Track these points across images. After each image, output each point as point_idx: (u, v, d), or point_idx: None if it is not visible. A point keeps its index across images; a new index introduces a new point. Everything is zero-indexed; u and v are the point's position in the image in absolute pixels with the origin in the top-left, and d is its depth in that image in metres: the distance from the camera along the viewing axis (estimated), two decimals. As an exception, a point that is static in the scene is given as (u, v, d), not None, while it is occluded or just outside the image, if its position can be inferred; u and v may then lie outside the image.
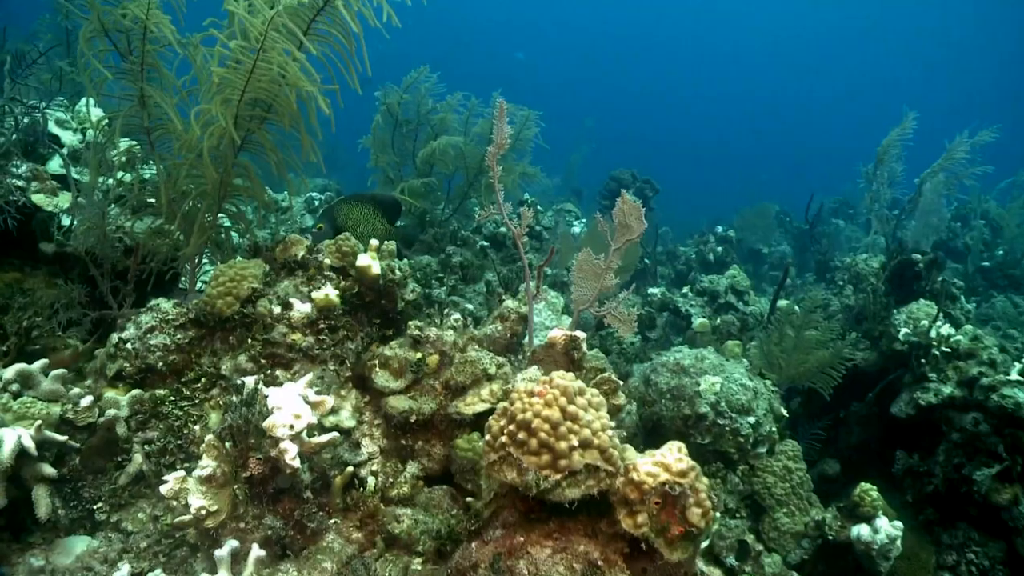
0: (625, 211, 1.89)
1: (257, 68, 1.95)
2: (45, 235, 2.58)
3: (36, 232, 2.57)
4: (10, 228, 2.23)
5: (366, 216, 2.65)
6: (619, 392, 1.83)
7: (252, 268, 2.23)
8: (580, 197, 10.09)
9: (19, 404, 1.99)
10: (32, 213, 2.52)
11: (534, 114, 5.18)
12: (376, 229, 2.67)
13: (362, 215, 2.65)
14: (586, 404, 1.42)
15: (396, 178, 5.00)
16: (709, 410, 3.05)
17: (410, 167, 5.00)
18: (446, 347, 2.14)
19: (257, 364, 2.18)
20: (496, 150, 1.90)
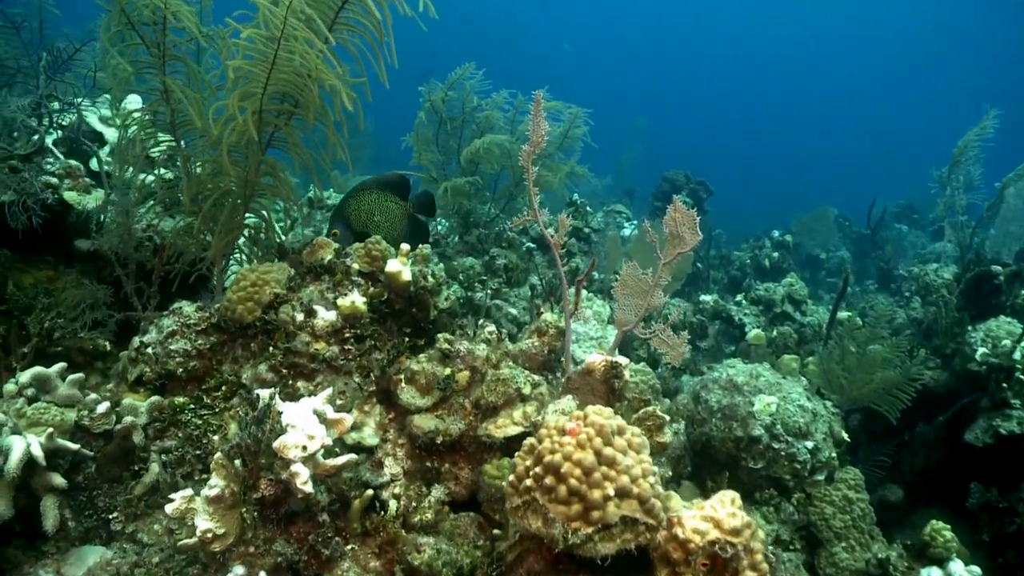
0: (677, 220, 1.67)
1: (279, 59, 1.80)
2: (83, 232, 2.50)
3: (70, 230, 2.49)
4: (35, 226, 2.14)
5: (378, 203, 2.47)
6: (665, 429, 1.61)
7: (275, 272, 2.08)
8: (632, 198, 9.81)
9: (33, 410, 1.89)
10: (67, 210, 2.44)
11: (583, 111, 4.96)
12: (392, 212, 2.49)
13: (373, 203, 2.47)
14: (625, 446, 1.22)
15: (440, 176, 4.84)
16: (763, 433, 2.80)
17: (454, 165, 4.83)
18: (477, 363, 1.96)
19: (278, 374, 2.04)
20: (532, 149, 1.71)
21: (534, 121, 1.70)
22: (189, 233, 2.25)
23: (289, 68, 1.84)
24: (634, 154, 11.61)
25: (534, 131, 1.71)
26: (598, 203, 7.65)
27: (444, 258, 4.57)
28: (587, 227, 5.38)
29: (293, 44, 1.75)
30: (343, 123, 2.10)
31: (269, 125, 2.06)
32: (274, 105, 2.03)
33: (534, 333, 2.04)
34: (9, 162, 2.30)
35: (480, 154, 4.63)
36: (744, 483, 2.89)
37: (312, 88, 1.89)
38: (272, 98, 2.01)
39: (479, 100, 4.75)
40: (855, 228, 8.77)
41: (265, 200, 2.27)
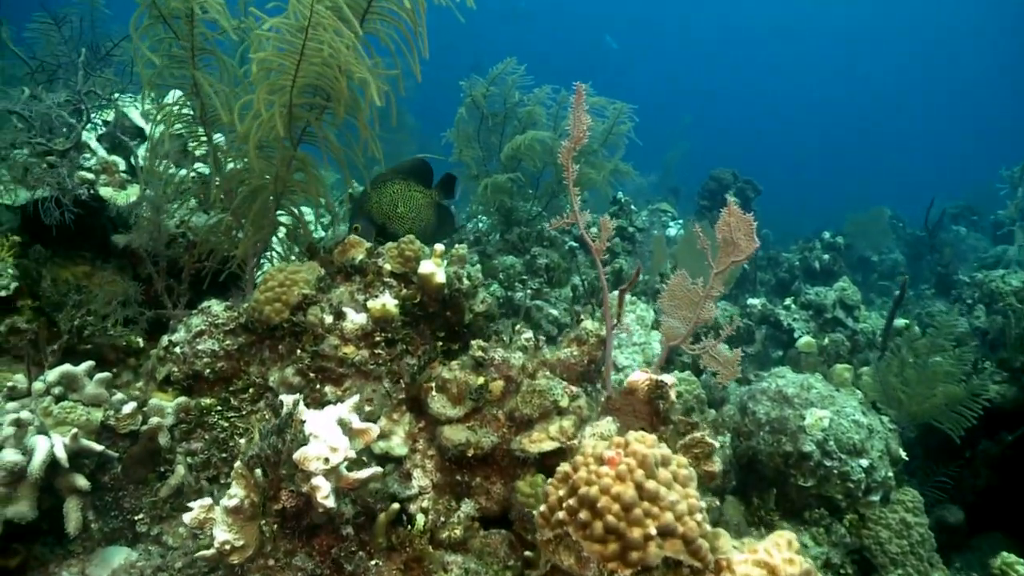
0: (732, 225, 1.51)
1: (308, 50, 1.70)
2: (120, 228, 2.47)
3: (107, 225, 2.46)
4: (68, 222, 2.10)
5: (400, 193, 2.32)
6: (714, 457, 1.46)
7: (304, 272, 2.00)
8: (677, 196, 9.56)
9: (60, 409, 1.84)
10: (103, 206, 2.40)
11: (627, 107, 4.79)
12: (417, 201, 2.34)
13: (396, 194, 2.32)
14: (670, 479, 1.08)
15: (481, 173, 4.73)
16: (815, 449, 2.62)
17: (495, 162, 4.72)
18: (512, 372, 1.84)
19: (305, 378, 1.95)
20: (572, 145, 1.57)
21: (575, 115, 1.56)
22: (221, 230, 2.18)
23: (319, 59, 1.74)
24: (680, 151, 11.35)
25: (575, 126, 1.57)
26: (643, 201, 7.46)
27: (484, 256, 4.46)
28: (631, 226, 5.21)
29: (322, 34, 1.65)
30: (375, 118, 1.99)
31: (300, 120, 1.97)
32: (305, 99, 1.93)
33: (573, 341, 1.91)
34: (47, 158, 2.27)
35: (522, 150, 4.50)
36: (792, 501, 2.71)
37: (341, 80, 1.78)
38: (304, 92, 1.92)
39: (521, 95, 4.62)
40: (909, 230, 8.39)
41: (298, 197, 2.18)
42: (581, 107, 1.56)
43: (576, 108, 1.56)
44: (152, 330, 2.32)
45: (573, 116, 1.57)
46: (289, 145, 1.99)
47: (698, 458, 1.41)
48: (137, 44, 1.83)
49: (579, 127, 1.57)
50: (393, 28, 1.95)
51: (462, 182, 4.97)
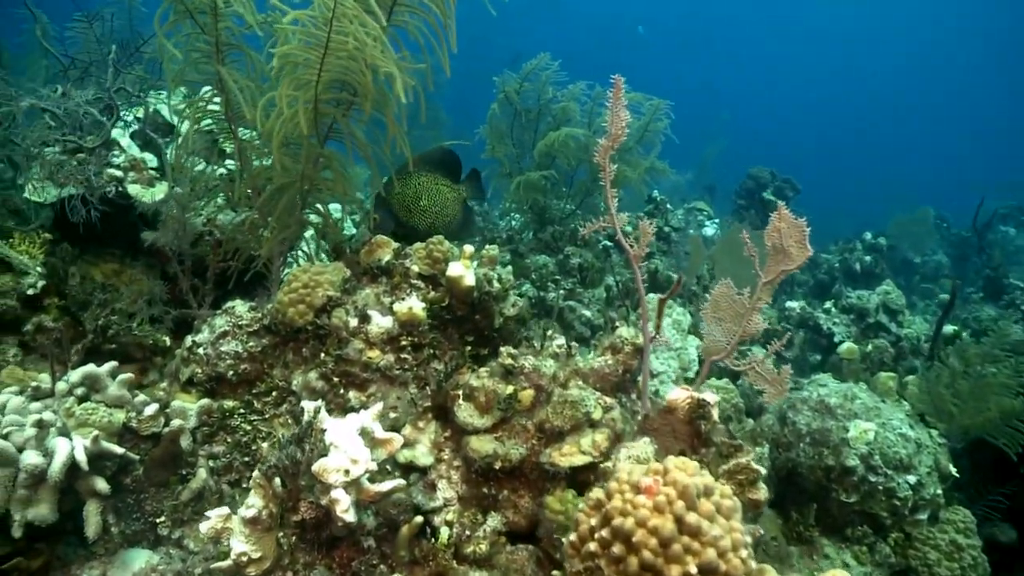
0: (783, 232, 1.39)
1: (332, 43, 1.62)
2: (149, 225, 2.43)
3: (137, 222, 2.42)
4: (93, 220, 2.06)
5: (425, 185, 2.18)
6: (760, 484, 1.35)
7: (329, 274, 1.93)
8: (713, 194, 9.34)
9: (82, 410, 1.80)
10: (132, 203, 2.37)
11: (664, 104, 4.64)
12: (443, 195, 2.20)
13: (421, 186, 2.18)
14: (713, 511, 0.98)
15: (514, 170, 4.64)
16: (858, 463, 2.48)
17: (529, 159, 4.62)
18: (543, 381, 1.75)
19: (328, 382, 1.88)
20: (610, 143, 1.47)
21: (613, 111, 1.46)
22: (246, 229, 2.12)
23: (344, 53, 1.66)
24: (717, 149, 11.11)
25: (613, 123, 1.47)
26: (678, 200, 7.28)
27: (517, 255, 4.37)
28: (667, 226, 5.07)
29: (347, 26, 1.57)
30: (403, 115, 1.91)
31: (327, 116, 1.90)
32: (331, 94, 1.86)
33: (607, 350, 1.80)
34: (77, 155, 2.24)
35: (555, 147, 4.40)
36: (834, 517, 2.57)
37: (367, 75, 1.70)
38: (330, 87, 1.85)
39: (555, 91, 4.52)
40: (953, 230, 8.07)
41: (325, 195, 2.11)
42: (620, 102, 1.45)
43: (614, 103, 1.45)
44: (179, 329, 2.28)
45: (611, 112, 1.46)
46: (315, 142, 1.91)
47: (742, 485, 1.30)
48: (161, 40, 1.77)
49: (617, 124, 1.46)
50: (422, 21, 1.87)
51: (495, 179, 4.89)
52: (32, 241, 2.25)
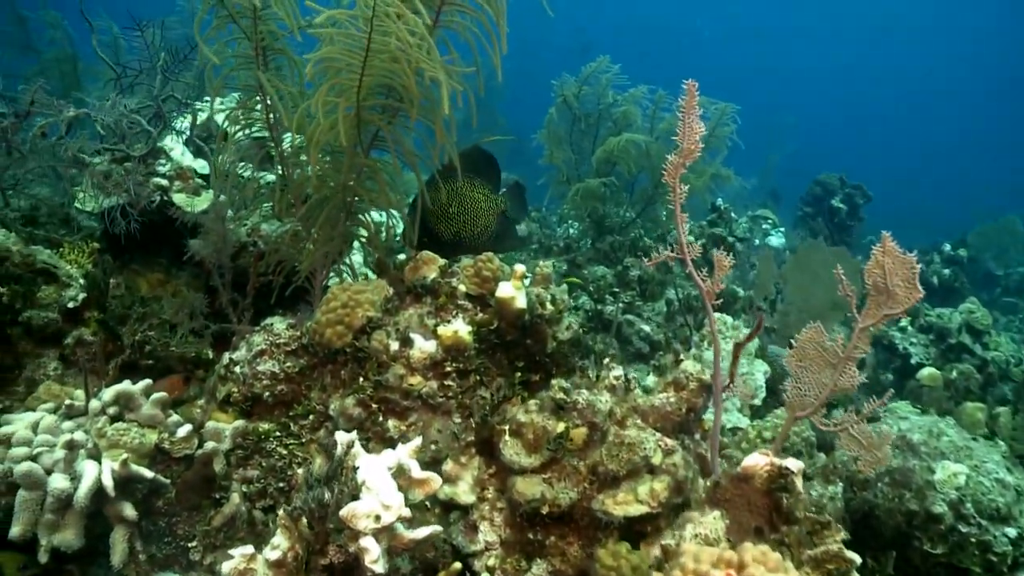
0: (887, 268, 1.16)
1: (374, 44, 1.47)
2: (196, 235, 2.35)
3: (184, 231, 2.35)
4: (132, 231, 1.98)
5: (458, 191, 1.95)
6: (853, 574, 1.12)
7: (369, 293, 1.78)
8: (778, 201, 8.92)
9: (113, 430, 1.71)
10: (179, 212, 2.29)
11: (731, 108, 4.37)
12: (476, 204, 1.97)
13: (453, 191, 1.94)
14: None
15: (572, 177, 4.45)
16: (946, 510, 2.19)
17: (588, 166, 4.41)
18: (598, 419, 1.55)
19: (366, 410, 1.74)
20: (681, 160, 1.26)
21: (685, 123, 1.25)
22: (288, 240, 2.00)
23: (386, 55, 1.51)
24: (781, 153, 10.65)
25: (684, 136, 1.26)
26: (741, 207, 6.93)
27: (574, 266, 4.17)
28: (731, 235, 4.78)
29: (388, 25, 1.41)
30: (452, 121, 1.74)
31: (370, 124, 1.75)
32: (375, 100, 1.71)
33: (670, 385, 1.60)
34: (124, 164, 2.16)
35: (615, 154, 4.18)
36: (916, 568, 2.29)
37: (410, 78, 1.54)
38: (375, 92, 1.70)
39: (615, 95, 4.30)
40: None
41: (367, 206, 1.97)
42: (693, 112, 1.24)
43: (687, 114, 1.24)
44: (222, 342, 2.19)
45: (683, 124, 1.25)
46: (358, 151, 1.77)
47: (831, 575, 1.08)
48: (202, 46, 1.66)
49: (690, 137, 1.25)
50: (473, 22, 1.70)
51: (553, 186, 4.70)
52: (80, 251, 2.19)
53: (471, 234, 2.02)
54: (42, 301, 1.88)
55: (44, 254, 2.02)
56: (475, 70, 1.65)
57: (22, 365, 1.84)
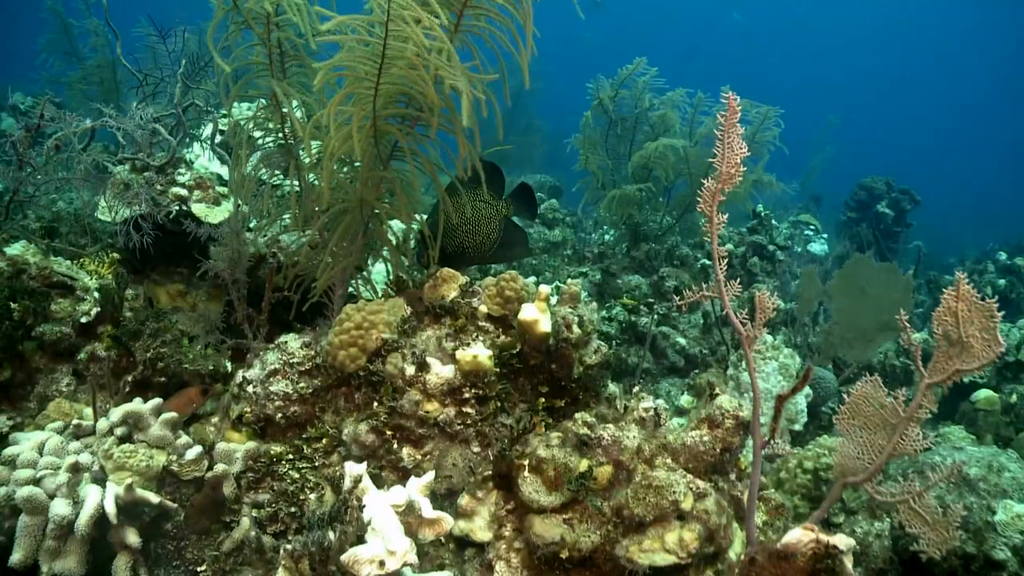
0: (962, 316, 0.98)
1: (390, 49, 1.35)
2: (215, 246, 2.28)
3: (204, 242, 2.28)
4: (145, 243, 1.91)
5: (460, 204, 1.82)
6: None
7: (385, 314, 1.67)
8: (819, 205, 8.59)
9: (120, 452, 1.63)
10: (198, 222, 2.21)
11: (774, 111, 4.16)
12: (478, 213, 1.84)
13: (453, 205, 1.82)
14: None
15: (607, 183, 4.29)
16: (1010, 556, 2.00)
17: (624, 171, 4.25)
18: (624, 456, 1.42)
19: (380, 437, 1.63)
20: (719, 186, 1.11)
21: (724, 143, 1.09)
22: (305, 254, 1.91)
23: (403, 61, 1.39)
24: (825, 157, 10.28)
25: (723, 157, 1.10)
26: (781, 210, 6.67)
27: (608, 275, 4.02)
28: (771, 243, 4.57)
29: (404, 29, 1.30)
30: (476, 131, 1.62)
31: (388, 134, 1.64)
32: (393, 109, 1.60)
33: (704, 422, 1.45)
34: (144, 174, 2.09)
35: (652, 160, 4.01)
36: (974, 615, 2.09)
37: (429, 85, 1.43)
38: (393, 101, 1.59)
39: (652, 99, 4.13)
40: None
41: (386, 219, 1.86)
42: (734, 130, 1.08)
43: (727, 133, 1.08)
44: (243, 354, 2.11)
45: (722, 145, 1.10)
46: (374, 164, 1.66)
47: None
48: (214, 53, 1.57)
49: (730, 160, 1.09)
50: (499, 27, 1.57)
51: (588, 192, 4.55)
52: (101, 261, 2.13)
53: (474, 243, 1.89)
54: (56, 315, 1.81)
55: (63, 266, 1.96)
56: (498, 77, 1.52)
57: (34, 381, 1.77)
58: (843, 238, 7.14)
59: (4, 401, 1.71)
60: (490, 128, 2.08)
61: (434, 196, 2.17)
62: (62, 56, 4.32)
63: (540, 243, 5.35)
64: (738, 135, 1.08)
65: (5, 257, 1.84)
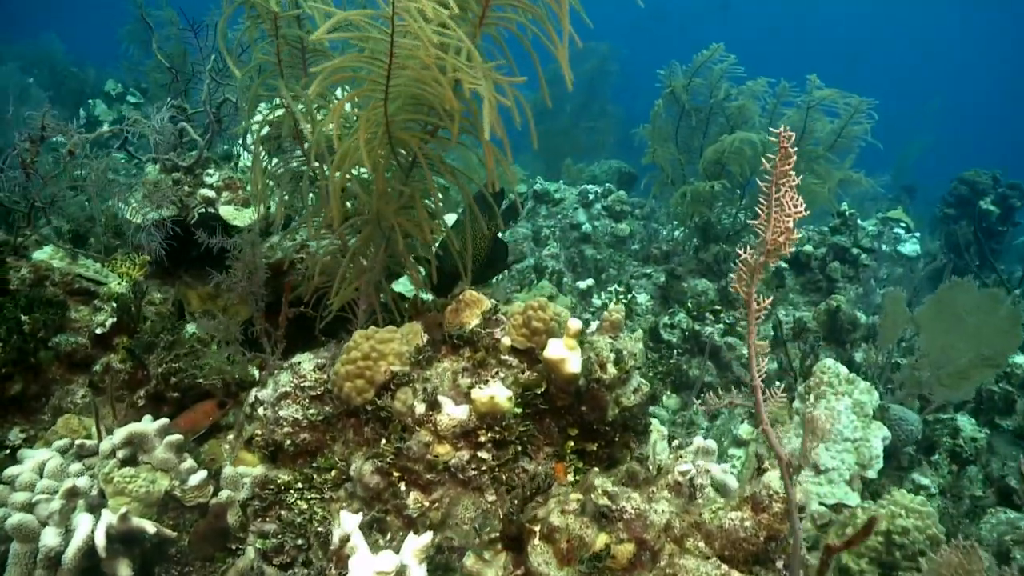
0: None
1: (398, 48, 1.14)
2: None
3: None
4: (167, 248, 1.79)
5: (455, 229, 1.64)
6: None
7: (396, 343, 1.47)
8: (912, 197, 7.85)
9: (120, 476, 1.52)
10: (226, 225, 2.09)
11: (866, 103, 3.69)
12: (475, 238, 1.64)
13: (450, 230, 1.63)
14: None
15: (677, 178, 3.95)
16: None
17: (694, 166, 3.89)
18: (649, 534, 1.18)
19: (385, 478, 1.44)
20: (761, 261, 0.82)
21: (771, 201, 0.79)
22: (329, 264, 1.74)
23: (414, 60, 1.17)
24: (921, 145, 9.43)
25: (770, 220, 0.79)
26: (868, 209, 6.07)
27: (673, 277, 3.70)
28: (855, 245, 4.11)
29: (411, 23, 1.07)
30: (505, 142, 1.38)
31: (408, 143, 1.43)
32: (409, 115, 1.39)
33: (746, 502, 1.18)
34: (172, 175, 1.97)
35: (728, 155, 3.65)
36: None
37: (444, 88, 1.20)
38: (410, 106, 1.37)
39: (729, 88, 3.74)
40: None
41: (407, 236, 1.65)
42: (788, 183, 0.79)
43: (777, 183, 0.79)
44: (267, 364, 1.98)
45: (769, 202, 0.80)
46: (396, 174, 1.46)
47: None
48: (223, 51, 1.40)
49: (780, 223, 0.80)
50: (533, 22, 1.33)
51: (656, 187, 4.23)
52: (132, 262, 2.04)
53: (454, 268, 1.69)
54: (74, 324, 1.72)
55: (90, 269, 1.87)
56: (524, 80, 1.27)
57: (50, 392, 1.69)
58: (938, 236, 6.46)
59: (18, 413, 1.63)
60: (554, 116, 1.82)
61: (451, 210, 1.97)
62: (139, 45, 4.34)
63: (606, 237, 5.06)
64: (792, 187, 0.79)
65: (29, 263, 1.76)
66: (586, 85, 7.68)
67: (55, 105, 5.94)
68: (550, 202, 5.35)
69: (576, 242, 4.95)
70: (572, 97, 7.85)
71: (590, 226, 5.04)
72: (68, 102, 5.61)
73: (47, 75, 5.98)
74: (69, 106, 5.57)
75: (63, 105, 5.67)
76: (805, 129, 3.56)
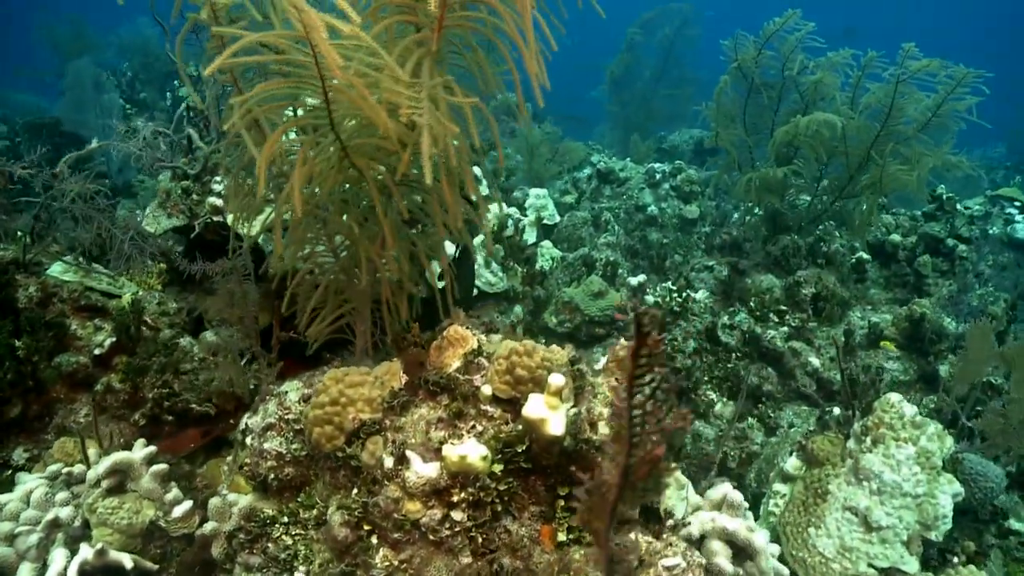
0: None
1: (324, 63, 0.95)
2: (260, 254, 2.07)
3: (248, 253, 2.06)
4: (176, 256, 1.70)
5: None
6: None
7: (367, 387, 1.32)
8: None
9: (103, 507, 1.46)
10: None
11: (971, 75, 3.13)
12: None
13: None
14: None
15: (744, 162, 3.54)
16: None
17: (763, 148, 3.47)
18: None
19: (355, 531, 1.31)
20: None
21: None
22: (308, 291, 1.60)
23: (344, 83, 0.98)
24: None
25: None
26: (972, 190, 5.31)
27: (736, 272, 3.34)
28: (951, 235, 3.58)
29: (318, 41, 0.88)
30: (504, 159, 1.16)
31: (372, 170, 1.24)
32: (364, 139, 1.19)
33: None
34: (183, 183, 1.88)
35: (801, 138, 3.22)
36: None
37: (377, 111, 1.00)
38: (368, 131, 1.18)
39: (805, 60, 3.28)
40: None
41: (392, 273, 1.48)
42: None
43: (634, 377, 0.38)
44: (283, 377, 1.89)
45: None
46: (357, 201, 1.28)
47: None
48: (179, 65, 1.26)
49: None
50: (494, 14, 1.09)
51: (718, 173, 3.84)
52: (150, 273, 1.98)
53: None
54: (77, 343, 1.67)
55: (103, 282, 1.82)
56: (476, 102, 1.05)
57: (53, 412, 1.66)
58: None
59: (21, 434, 1.61)
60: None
61: None
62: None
63: (674, 220, 4.69)
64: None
65: (38, 281, 1.72)
66: (664, 51, 7.14)
67: (144, 87, 6.08)
68: (615, 182, 5.02)
69: (640, 225, 4.62)
70: (650, 63, 7.33)
71: (656, 208, 4.69)
72: (156, 85, 5.79)
73: (140, 59, 6.18)
74: (157, 88, 5.73)
75: (151, 87, 5.86)
76: (893, 106, 3.07)
